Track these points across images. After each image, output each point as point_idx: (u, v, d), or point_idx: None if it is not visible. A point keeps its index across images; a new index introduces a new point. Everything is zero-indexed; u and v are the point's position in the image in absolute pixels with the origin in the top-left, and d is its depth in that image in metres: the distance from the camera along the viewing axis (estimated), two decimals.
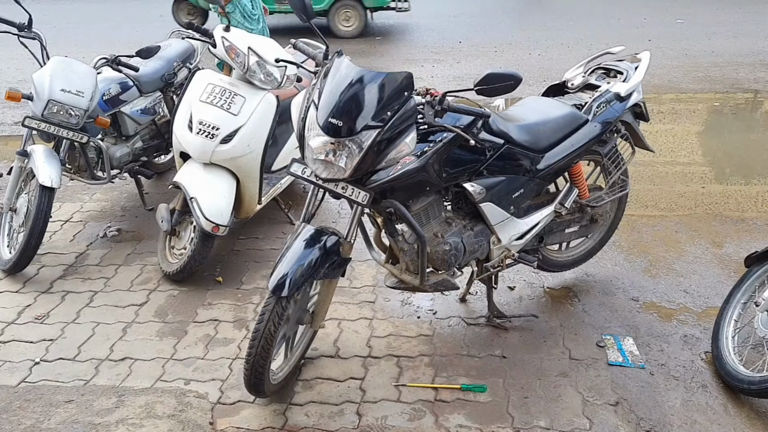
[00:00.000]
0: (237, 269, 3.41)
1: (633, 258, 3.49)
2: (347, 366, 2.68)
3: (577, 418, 2.40)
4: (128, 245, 3.66)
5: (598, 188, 3.11)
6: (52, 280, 3.31)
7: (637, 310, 3.05)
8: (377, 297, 3.15)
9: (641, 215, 3.97)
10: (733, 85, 6.65)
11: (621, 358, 2.71)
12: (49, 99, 3.23)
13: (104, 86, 3.57)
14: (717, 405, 2.47)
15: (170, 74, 3.94)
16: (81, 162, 3.61)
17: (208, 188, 3.13)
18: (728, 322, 2.67)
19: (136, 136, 3.87)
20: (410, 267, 2.47)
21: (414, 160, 2.16)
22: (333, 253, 2.24)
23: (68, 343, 2.83)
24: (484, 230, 2.59)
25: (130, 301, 3.14)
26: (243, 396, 2.49)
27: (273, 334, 2.19)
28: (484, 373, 2.63)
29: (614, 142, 2.99)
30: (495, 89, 2.05)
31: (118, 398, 2.50)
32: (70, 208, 4.11)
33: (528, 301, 3.13)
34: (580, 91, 2.99)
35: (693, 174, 4.60)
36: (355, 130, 2.00)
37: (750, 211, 4.04)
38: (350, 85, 2.03)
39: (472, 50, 8.44)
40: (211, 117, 3.12)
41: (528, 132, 2.58)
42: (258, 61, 3.18)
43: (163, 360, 2.72)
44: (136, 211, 4.07)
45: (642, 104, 3.00)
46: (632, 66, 2.99)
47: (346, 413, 2.43)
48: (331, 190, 2.19)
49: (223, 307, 3.08)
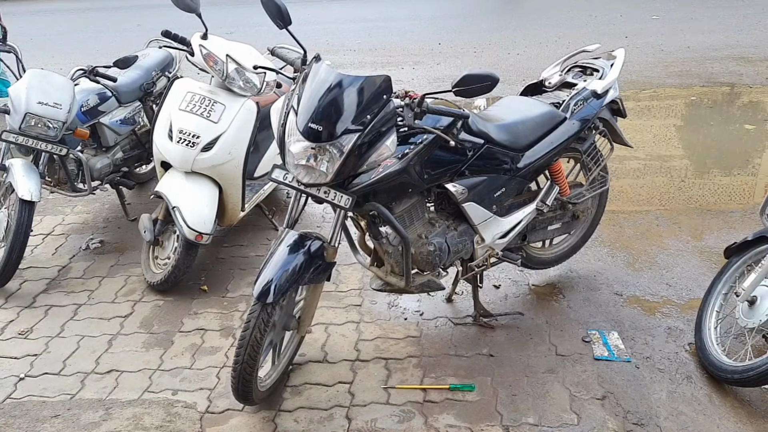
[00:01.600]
0: (222, 277, 3.39)
1: (615, 253, 3.53)
2: (335, 370, 2.68)
3: (565, 413, 2.42)
4: (111, 257, 3.63)
5: (579, 185, 3.14)
6: (34, 295, 3.28)
7: (621, 304, 3.08)
8: (364, 300, 3.15)
9: (622, 210, 4.01)
10: (709, 79, 6.74)
11: (607, 352, 2.74)
12: (27, 112, 3.20)
13: (82, 97, 3.54)
14: (702, 395, 2.50)
15: (149, 83, 3.92)
16: (61, 174, 3.58)
17: (190, 197, 3.12)
18: (710, 313, 2.71)
19: (117, 147, 3.84)
20: (395, 269, 2.48)
21: (395, 162, 2.17)
22: (317, 257, 2.24)
23: (53, 358, 2.80)
24: (468, 230, 2.60)
25: (115, 312, 3.11)
26: (231, 404, 2.48)
27: (259, 341, 2.19)
28: (472, 373, 2.64)
29: (593, 138, 3.02)
30: (473, 90, 2.07)
31: (105, 411, 2.48)
32: (52, 221, 4.07)
33: (513, 299, 3.15)
34: (558, 90, 3.02)
35: (672, 168, 4.66)
36: (335, 135, 2.00)
37: (729, 203, 4.10)
38: (329, 90, 2.04)
39: (451, 51, 8.47)
40: (191, 125, 3.11)
41: (507, 131, 2.60)
42: (237, 68, 3.18)
43: (149, 371, 2.71)
44: (119, 222, 4.04)
45: (619, 101, 3.03)
46: (608, 63, 3.02)
47: (335, 417, 2.43)
48: (314, 194, 2.19)
49: (209, 316, 3.07)
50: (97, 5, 14.46)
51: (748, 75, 6.83)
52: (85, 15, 13.10)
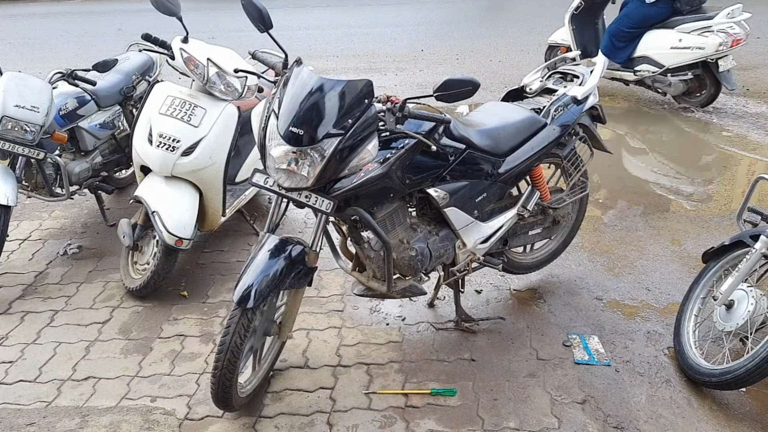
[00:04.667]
0: (202, 283, 3.36)
1: (595, 258, 3.56)
2: (317, 376, 2.66)
3: (546, 417, 2.42)
4: (90, 262, 3.58)
5: (559, 190, 3.16)
6: (10, 301, 3.22)
7: (602, 308, 3.10)
8: (346, 305, 3.14)
9: (602, 216, 4.05)
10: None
11: (587, 356, 2.75)
12: (3, 115, 3.15)
13: (60, 101, 3.50)
14: (681, 399, 2.53)
15: (129, 87, 3.88)
16: (38, 179, 3.52)
17: (170, 202, 3.09)
18: (689, 317, 2.74)
19: (95, 151, 3.80)
20: (377, 274, 2.47)
21: (377, 166, 2.17)
22: (298, 262, 2.23)
23: (29, 365, 2.75)
24: (449, 235, 2.61)
25: (93, 319, 3.07)
26: (211, 411, 2.45)
27: (239, 346, 2.17)
28: (453, 377, 2.64)
29: (573, 144, 3.05)
30: (454, 95, 2.08)
31: (82, 418, 2.44)
32: (28, 226, 4.01)
33: (495, 303, 3.16)
34: (538, 96, 3.04)
35: (651, 174, 4.71)
36: (316, 139, 2.00)
37: (707, 208, 4.15)
38: (310, 94, 2.03)
39: (434, 58, 8.52)
40: (172, 129, 3.09)
41: (489, 137, 2.61)
42: (218, 72, 3.16)
43: (128, 378, 2.67)
44: (97, 228, 3.98)
45: (598, 107, 3.07)
46: (588, 70, 3.06)
47: (316, 424, 2.41)
48: (295, 199, 2.18)
49: (189, 322, 3.04)
50: (76, 9, 14.33)
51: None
52: (64, 19, 12.97)
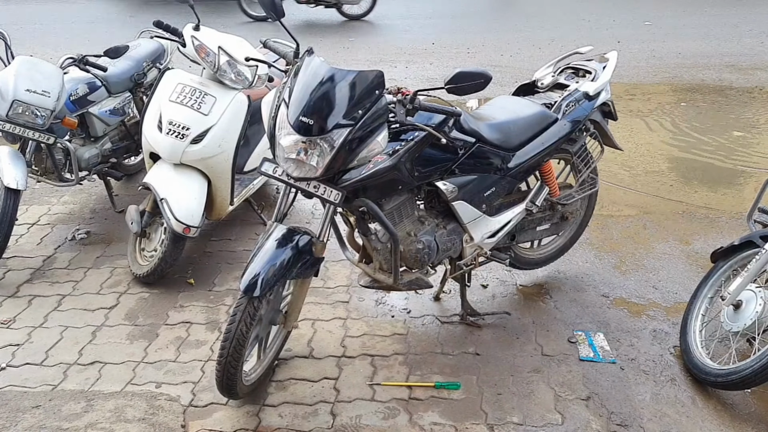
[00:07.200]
0: (209, 271, 3.37)
1: (603, 255, 3.54)
2: (321, 366, 2.67)
3: (549, 413, 2.42)
4: (97, 248, 3.60)
5: (569, 186, 3.15)
6: (18, 285, 3.24)
7: (608, 306, 3.09)
8: (351, 297, 3.14)
9: (611, 213, 4.03)
10: (699, 86, 6.78)
11: (592, 353, 2.75)
12: (14, 99, 3.16)
13: (71, 86, 3.50)
14: (685, 398, 2.52)
15: (140, 74, 3.88)
16: (48, 164, 3.53)
17: (178, 189, 3.09)
18: (696, 316, 2.73)
19: (105, 137, 3.80)
20: (384, 266, 2.47)
21: (386, 158, 2.16)
22: (305, 252, 2.23)
23: (35, 348, 2.77)
24: (457, 228, 2.60)
25: (100, 304, 3.09)
26: (215, 398, 2.46)
27: (245, 335, 2.17)
28: (457, 371, 2.64)
29: (583, 140, 3.03)
30: (465, 87, 2.06)
31: (87, 402, 2.46)
32: (38, 210, 4.02)
33: (501, 298, 3.15)
34: (550, 91, 3.02)
35: (661, 172, 4.68)
36: (326, 129, 1.99)
37: (716, 208, 4.13)
38: (321, 84, 2.02)
39: (445, 51, 8.47)
40: (181, 117, 3.09)
41: (499, 130, 2.60)
42: (228, 61, 3.16)
43: (133, 363, 2.68)
44: (106, 214, 4.00)
45: (610, 103, 3.05)
46: (600, 65, 3.03)
47: (320, 413, 2.42)
48: (303, 189, 2.18)
49: (195, 310, 3.05)
50: None
51: (738, 82, 6.88)
52: (76, 4, 12.98)
